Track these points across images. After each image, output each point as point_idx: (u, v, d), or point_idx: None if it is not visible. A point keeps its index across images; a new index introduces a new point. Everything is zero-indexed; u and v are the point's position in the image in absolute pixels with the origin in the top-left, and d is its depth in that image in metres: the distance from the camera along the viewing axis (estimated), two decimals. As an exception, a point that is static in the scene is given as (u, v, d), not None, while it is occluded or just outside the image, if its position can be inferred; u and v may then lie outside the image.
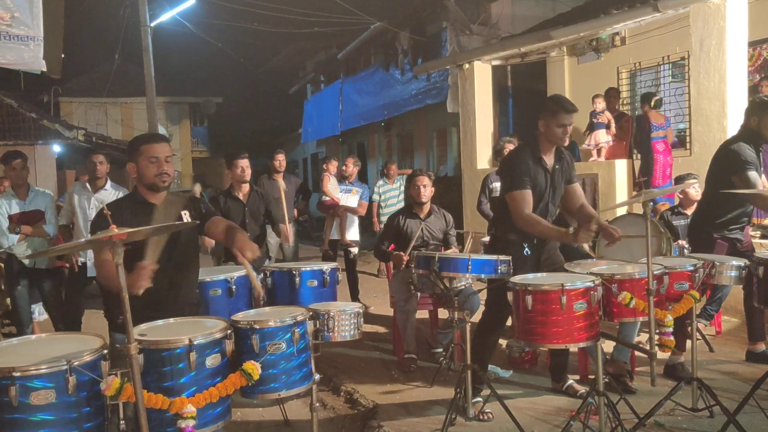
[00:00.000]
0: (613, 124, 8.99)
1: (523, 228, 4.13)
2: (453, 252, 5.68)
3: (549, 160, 4.24)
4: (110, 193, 6.29)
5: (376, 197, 9.77)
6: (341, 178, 8.47)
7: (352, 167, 8.44)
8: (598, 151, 9.03)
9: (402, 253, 5.44)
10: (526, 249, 4.13)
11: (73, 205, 6.41)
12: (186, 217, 3.41)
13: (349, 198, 8.10)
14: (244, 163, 5.95)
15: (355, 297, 7.75)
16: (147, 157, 3.26)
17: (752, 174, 4.67)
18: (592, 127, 9.06)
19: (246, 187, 6.00)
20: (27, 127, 16.29)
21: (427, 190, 5.72)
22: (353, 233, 8.08)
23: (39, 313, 7.10)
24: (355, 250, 7.96)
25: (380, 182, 10.12)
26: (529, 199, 4.09)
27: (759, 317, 5.07)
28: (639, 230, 4.69)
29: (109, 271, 3.03)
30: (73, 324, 6.04)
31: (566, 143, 4.22)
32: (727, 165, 4.81)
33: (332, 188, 8.17)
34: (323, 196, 8.24)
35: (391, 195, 9.86)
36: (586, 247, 4.32)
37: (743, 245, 4.93)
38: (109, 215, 2.39)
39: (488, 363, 4.53)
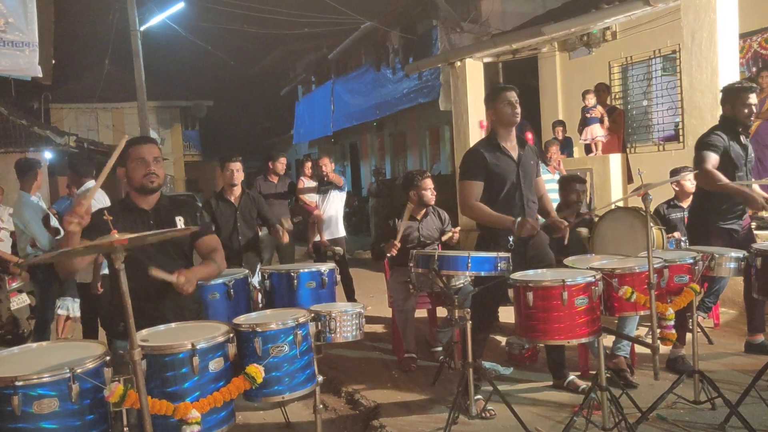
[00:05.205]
0: (606, 118, 9.01)
1: (467, 216, 4.38)
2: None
3: (512, 148, 4.35)
4: None
5: None
6: (319, 178, 8.22)
7: (329, 164, 8.15)
8: (595, 146, 9.04)
9: (393, 240, 5.44)
10: (511, 242, 4.16)
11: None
12: (180, 223, 3.38)
13: (332, 197, 7.94)
14: (236, 167, 5.85)
15: (351, 298, 7.70)
16: (134, 159, 3.24)
17: (707, 153, 4.76)
18: (585, 123, 9.07)
19: (237, 191, 5.92)
20: (18, 134, 16.23)
21: (433, 192, 5.73)
22: (336, 230, 7.88)
23: (65, 308, 7.03)
24: (339, 250, 7.80)
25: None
26: (477, 190, 4.25)
27: (759, 308, 5.07)
28: (632, 224, 4.72)
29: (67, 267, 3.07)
30: (94, 333, 6.01)
31: (518, 120, 4.33)
32: (697, 148, 4.94)
33: (307, 190, 8.07)
34: (299, 200, 8.14)
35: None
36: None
37: (740, 235, 4.91)
38: (110, 220, 2.37)
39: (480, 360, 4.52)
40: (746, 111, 4.82)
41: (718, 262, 4.06)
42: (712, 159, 4.75)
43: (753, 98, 4.84)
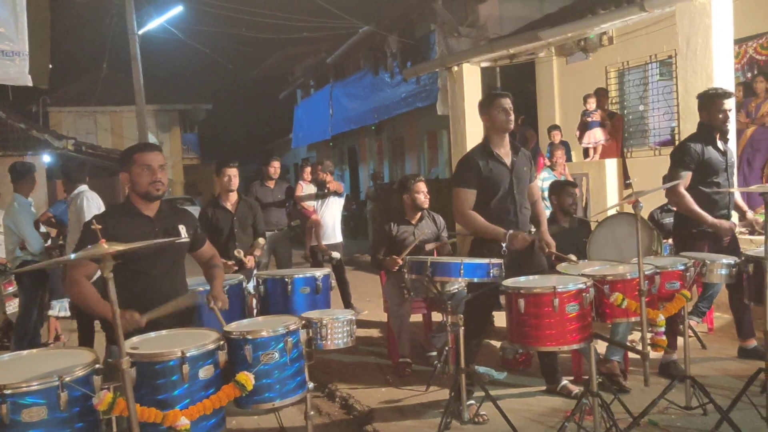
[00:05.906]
0: (608, 122, 9.03)
1: (460, 224, 4.39)
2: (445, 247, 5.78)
3: (505, 154, 4.36)
4: None
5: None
6: (318, 184, 8.22)
7: (322, 173, 8.18)
8: (595, 150, 9.06)
9: (396, 257, 5.41)
10: (504, 249, 4.16)
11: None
12: (183, 231, 3.47)
13: (331, 202, 7.95)
14: (232, 172, 5.82)
15: (347, 303, 7.71)
16: (140, 165, 3.28)
17: (681, 172, 4.80)
18: (585, 127, 9.08)
19: (234, 197, 5.89)
20: (16, 137, 16.23)
21: (426, 196, 5.73)
22: (333, 236, 7.88)
23: (63, 309, 7.03)
24: (337, 255, 7.77)
25: (544, 173, 8.36)
26: (471, 198, 4.27)
27: (747, 315, 5.07)
28: (630, 229, 4.73)
29: (81, 292, 3.08)
30: (89, 341, 6.00)
31: (512, 127, 4.35)
32: (672, 162, 4.96)
33: (306, 197, 8.11)
34: (297, 205, 8.17)
35: None
36: (572, 257, 4.32)
37: (725, 240, 4.89)
38: (98, 230, 2.38)
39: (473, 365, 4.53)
40: (721, 116, 4.82)
41: (709, 269, 4.07)
42: (685, 179, 4.79)
43: (728, 104, 4.84)
